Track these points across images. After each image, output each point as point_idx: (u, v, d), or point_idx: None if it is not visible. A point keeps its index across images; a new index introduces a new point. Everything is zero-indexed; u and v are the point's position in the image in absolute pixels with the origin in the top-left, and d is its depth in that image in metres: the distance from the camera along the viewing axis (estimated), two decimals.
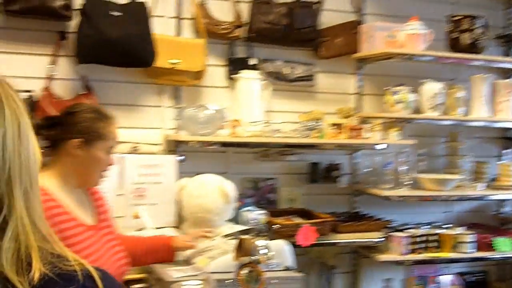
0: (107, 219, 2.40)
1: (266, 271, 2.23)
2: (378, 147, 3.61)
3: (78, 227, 2.17)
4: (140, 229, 3.04)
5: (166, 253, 2.53)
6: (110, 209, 2.49)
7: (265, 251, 2.20)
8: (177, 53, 3.42)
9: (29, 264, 0.91)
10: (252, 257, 2.19)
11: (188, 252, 2.66)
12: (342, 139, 3.54)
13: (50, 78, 3.26)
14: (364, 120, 3.78)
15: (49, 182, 2.18)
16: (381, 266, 3.84)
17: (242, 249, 2.19)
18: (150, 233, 2.99)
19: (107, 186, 3.11)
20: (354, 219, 3.67)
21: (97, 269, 1.00)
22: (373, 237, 3.53)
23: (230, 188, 2.91)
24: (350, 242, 3.51)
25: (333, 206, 3.84)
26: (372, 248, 3.66)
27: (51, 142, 2.25)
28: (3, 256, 0.90)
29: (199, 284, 2.13)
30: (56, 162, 2.24)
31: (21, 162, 0.95)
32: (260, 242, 2.21)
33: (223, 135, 3.39)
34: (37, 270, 0.91)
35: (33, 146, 0.99)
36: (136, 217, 3.10)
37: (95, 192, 2.41)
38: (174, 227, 3.23)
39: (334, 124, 3.58)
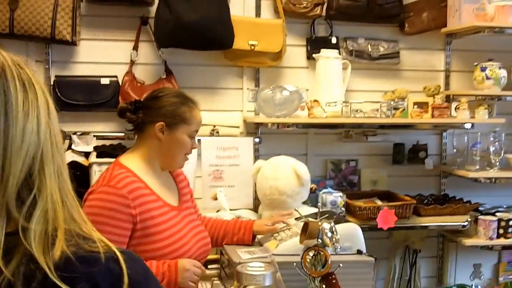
0: (190, 201, 2.47)
1: (334, 254, 2.19)
2: (466, 126, 3.43)
3: (163, 207, 2.24)
4: (218, 211, 3.08)
5: (246, 236, 2.57)
6: (192, 191, 2.55)
7: (332, 234, 2.16)
8: (256, 34, 3.41)
9: (54, 244, 0.94)
10: (318, 240, 2.15)
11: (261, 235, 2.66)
12: (428, 118, 3.40)
13: (132, 63, 3.36)
14: (451, 98, 3.61)
15: (134, 164, 2.26)
16: (470, 251, 3.68)
17: (307, 232, 2.16)
18: (227, 215, 3.03)
19: (187, 168, 3.19)
20: (441, 202, 3.52)
21: (123, 251, 1.01)
22: (459, 220, 3.38)
23: (303, 170, 2.87)
24: (433, 225, 3.38)
25: (419, 189, 3.71)
26: (459, 232, 3.51)
27: (136, 126, 2.33)
28: (31, 236, 0.92)
29: (261, 267, 2.12)
30: (141, 145, 2.31)
31: (52, 141, 0.97)
32: (326, 225, 2.17)
33: (301, 116, 3.36)
34: (59, 248, 0.93)
35: (57, 125, 1.02)
36: (214, 198, 3.14)
37: (179, 174, 2.48)
38: (251, 209, 3.26)
39: (419, 103, 3.45)
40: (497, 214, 3.51)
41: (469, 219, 3.40)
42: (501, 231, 3.43)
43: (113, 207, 2.11)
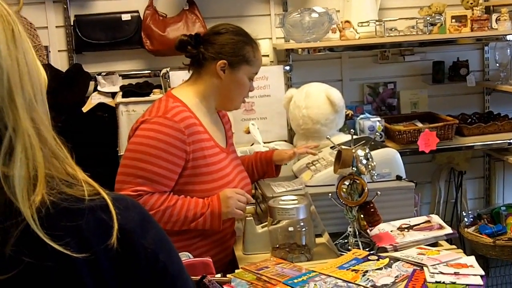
0: (233, 143, 2.38)
1: (371, 182, 2.07)
2: (508, 38, 3.20)
3: (214, 147, 2.16)
4: (252, 144, 2.99)
5: (268, 167, 2.45)
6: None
7: (367, 161, 2.04)
8: None
9: (34, 191, 0.83)
10: (352, 169, 2.04)
11: (296, 167, 2.56)
12: (467, 32, 3.18)
13: None
14: (492, 9, 3.36)
15: (189, 99, 2.16)
16: None
17: (341, 160, 2.04)
18: (261, 148, 2.93)
19: None
20: (485, 120, 3.35)
21: (115, 196, 0.90)
22: (505, 138, 3.20)
23: (337, 95, 2.72)
24: (478, 145, 3.22)
25: (461, 108, 3.54)
26: (506, 151, 3.33)
27: (195, 61, 2.20)
28: (16, 184, 0.82)
29: (294, 200, 2.03)
30: (198, 80, 2.20)
31: (20, 71, 0.86)
32: (360, 152, 2.05)
33: (333, 39, 3.18)
34: (39, 194, 0.83)
35: (33, 58, 0.90)
36: (247, 132, 3.04)
37: (224, 115, 2.38)
38: (285, 140, 3.15)
39: (457, 17, 3.22)
40: None
41: None
42: None
43: (169, 140, 2.01)
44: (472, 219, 3.37)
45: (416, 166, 3.43)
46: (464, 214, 3.40)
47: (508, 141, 3.20)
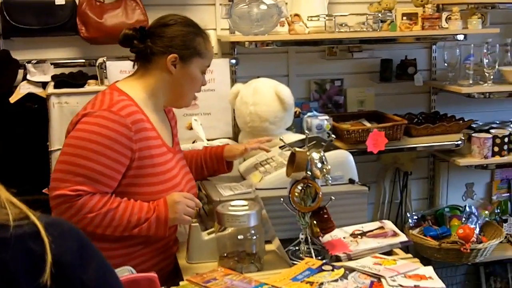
0: (178, 143, 2.21)
1: (324, 185, 1.95)
2: (458, 38, 3.15)
3: (162, 147, 1.99)
4: (194, 141, 2.82)
5: (219, 163, 2.32)
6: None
7: (322, 164, 1.92)
8: None
9: None
10: (306, 172, 1.91)
11: (243, 167, 2.42)
12: (417, 30, 3.11)
13: None
14: (442, 7, 3.31)
15: (136, 93, 1.98)
16: (462, 170, 3.50)
17: (295, 163, 1.92)
18: (204, 145, 2.78)
19: None
20: (432, 120, 3.30)
21: (48, 220, 0.73)
22: (452, 139, 3.17)
23: (287, 93, 2.60)
24: (426, 146, 3.16)
25: (408, 107, 3.48)
26: (452, 152, 3.30)
27: (142, 55, 2.02)
28: None
29: (244, 205, 1.88)
30: (146, 75, 2.02)
31: None
32: (315, 155, 1.93)
33: (281, 33, 3.05)
34: None
35: None
36: (189, 128, 2.87)
37: (170, 110, 2.21)
38: (230, 138, 3.00)
39: (408, 14, 3.15)
40: (491, 131, 3.30)
41: (463, 138, 3.19)
42: (496, 148, 3.23)
43: (114, 136, 1.83)
44: (416, 220, 3.32)
45: (361, 165, 3.31)
46: (409, 215, 3.36)
47: (456, 142, 3.17)
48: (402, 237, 2.03)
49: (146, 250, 1.97)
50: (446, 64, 3.30)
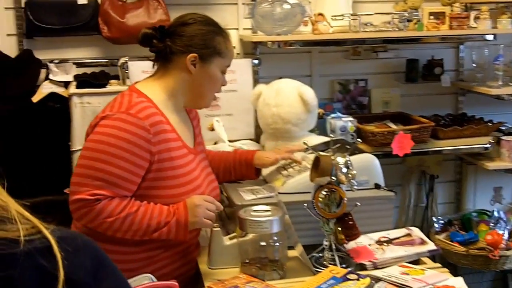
0: (201, 143, 2.17)
1: (349, 190, 1.90)
2: (487, 38, 3.07)
3: (182, 148, 1.95)
4: (216, 143, 2.78)
5: (248, 170, 2.26)
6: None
7: (347, 169, 1.86)
8: None
9: None
10: (331, 177, 1.86)
11: (266, 170, 2.37)
12: (444, 30, 3.03)
13: None
14: (470, 6, 3.23)
15: (155, 95, 1.95)
16: (490, 174, 3.41)
17: (319, 168, 1.86)
18: (226, 147, 2.73)
19: None
20: (459, 123, 3.22)
21: (61, 235, 0.68)
22: (480, 142, 3.08)
23: (310, 94, 2.54)
24: (453, 149, 3.08)
25: (434, 108, 3.40)
26: (480, 155, 3.22)
27: (162, 55, 1.99)
28: None
29: (267, 211, 1.84)
30: (166, 76, 1.99)
31: None
32: (340, 159, 1.87)
33: (305, 33, 3.00)
34: None
35: None
36: (211, 129, 2.83)
37: (191, 110, 2.16)
38: (252, 139, 2.96)
39: (435, 13, 3.07)
40: None
41: (492, 141, 3.10)
42: None
43: (132, 139, 1.80)
44: (442, 225, 3.24)
45: (385, 168, 3.25)
46: (435, 219, 3.28)
47: (484, 145, 3.08)
48: (430, 245, 1.97)
49: (166, 254, 1.94)
50: (474, 65, 3.22)
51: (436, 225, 3.23)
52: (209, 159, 2.23)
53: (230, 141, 2.80)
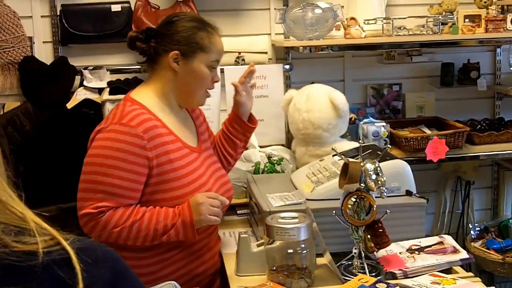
0: (207, 140, 2.16)
1: (378, 197, 1.87)
2: None
3: (182, 149, 1.96)
4: (247, 148, 2.77)
5: (242, 125, 2.22)
6: (209, 126, 2.25)
7: (376, 176, 1.84)
8: None
9: None
10: (360, 184, 1.83)
11: (294, 176, 2.34)
12: (480, 33, 2.97)
13: None
14: (507, 8, 3.15)
15: (148, 100, 1.97)
16: None
17: (348, 175, 1.84)
18: (256, 153, 2.73)
19: (209, 101, 2.86)
20: (496, 127, 3.15)
21: (80, 246, 0.68)
22: None
23: (341, 99, 2.51)
24: (489, 154, 3.01)
25: (470, 113, 3.33)
26: None
27: (149, 57, 2.02)
28: None
29: (294, 218, 1.82)
30: (154, 78, 2.01)
31: None
32: (369, 166, 1.85)
33: (337, 37, 2.97)
34: None
35: None
36: None
37: (193, 110, 2.17)
38: (283, 145, 2.94)
39: (470, 16, 3.01)
40: None
41: None
42: None
43: (127, 148, 1.82)
44: (478, 232, 3.18)
45: (420, 174, 3.20)
46: (470, 226, 3.21)
47: None
48: (463, 254, 1.92)
49: (181, 255, 1.95)
50: (511, 68, 3.14)
51: (472, 232, 3.17)
52: (216, 148, 2.23)
53: (260, 146, 2.80)
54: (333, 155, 2.30)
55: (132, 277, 0.76)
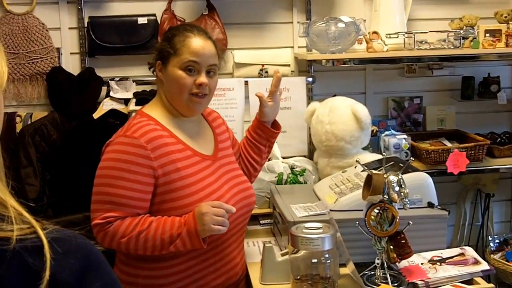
0: (228, 147, 2.18)
1: (401, 208, 1.91)
2: None
3: (191, 157, 1.99)
4: (270, 159, 2.83)
5: (266, 131, 2.25)
6: (232, 136, 2.27)
7: (399, 188, 1.88)
8: None
9: None
10: (383, 196, 1.88)
11: (318, 187, 2.39)
12: (501, 47, 3.00)
13: None
14: None
15: (156, 112, 2.04)
16: None
17: (371, 186, 1.88)
18: (280, 164, 2.78)
19: (234, 112, 2.92)
20: None
21: (57, 236, 0.70)
22: None
23: (363, 112, 2.56)
24: (509, 167, 3.03)
25: (491, 126, 3.36)
26: None
27: (153, 72, 2.11)
28: None
29: (319, 228, 1.86)
30: (159, 91, 2.10)
31: None
32: (392, 178, 1.89)
33: (359, 51, 3.02)
34: None
35: None
36: None
37: (215, 118, 2.22)
38: (305, 156, 2.99)
39: (491, 31, 3.04)
40: None
41: None
42: None
43: (130, 159, 1.87)
44: (498, 244, 3.19)
45: (440, 186, 3.22)
46: (490, 238, 3.22)
47: None
48: (484, 265, 1.95)
49: (201, 266, 1.97)
50: None
51: (491, 244, 3.18)
52: (241, 154, 2.27)
53: (283, 157, 2.85)
54: (355, 167, 2.34)
55: (105, 271, 0.77)
